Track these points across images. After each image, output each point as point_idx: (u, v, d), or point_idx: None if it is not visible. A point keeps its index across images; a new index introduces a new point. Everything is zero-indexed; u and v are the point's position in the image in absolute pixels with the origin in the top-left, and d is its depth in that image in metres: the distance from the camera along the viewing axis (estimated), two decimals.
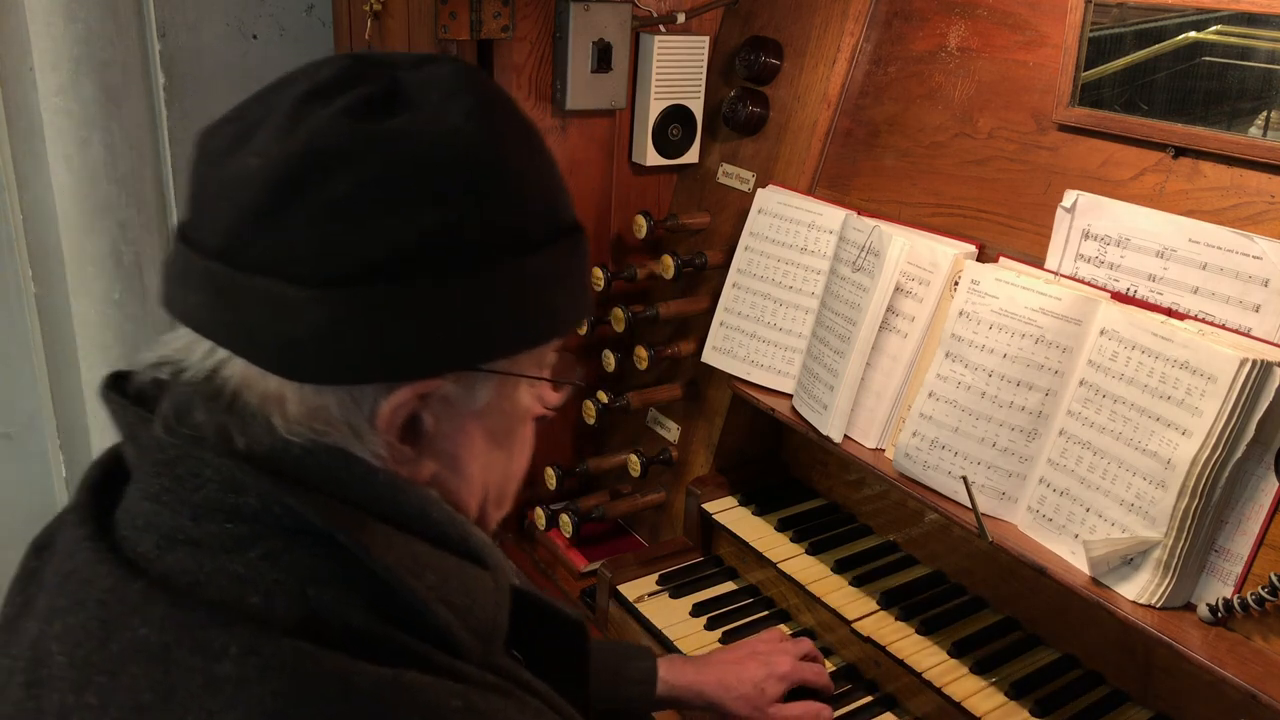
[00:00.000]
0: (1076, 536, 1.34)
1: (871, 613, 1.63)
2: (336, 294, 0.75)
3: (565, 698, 0.92)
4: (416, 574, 0.79)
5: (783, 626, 1.75)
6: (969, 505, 1.42)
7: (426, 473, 0.86)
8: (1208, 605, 1.24)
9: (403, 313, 0.76)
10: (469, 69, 0.85)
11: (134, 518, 0.81)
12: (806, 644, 1.59)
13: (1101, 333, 1.36)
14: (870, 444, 1.60)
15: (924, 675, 1.49)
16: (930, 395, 1.49)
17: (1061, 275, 1.48)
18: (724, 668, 1.49)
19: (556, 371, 0.94)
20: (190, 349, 0.81)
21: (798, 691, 1.53)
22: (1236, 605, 1.21)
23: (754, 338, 1.81)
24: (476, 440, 0.88)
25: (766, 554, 1.77)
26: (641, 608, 1.78)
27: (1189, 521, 1.23)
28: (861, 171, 1.82)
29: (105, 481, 0.86)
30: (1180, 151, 1.41)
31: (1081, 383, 1.37)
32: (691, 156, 2.05)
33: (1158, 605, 1.26)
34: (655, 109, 1.97)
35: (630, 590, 1.81)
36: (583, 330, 2.03)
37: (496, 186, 0.79)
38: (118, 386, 0.86)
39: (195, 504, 0.78)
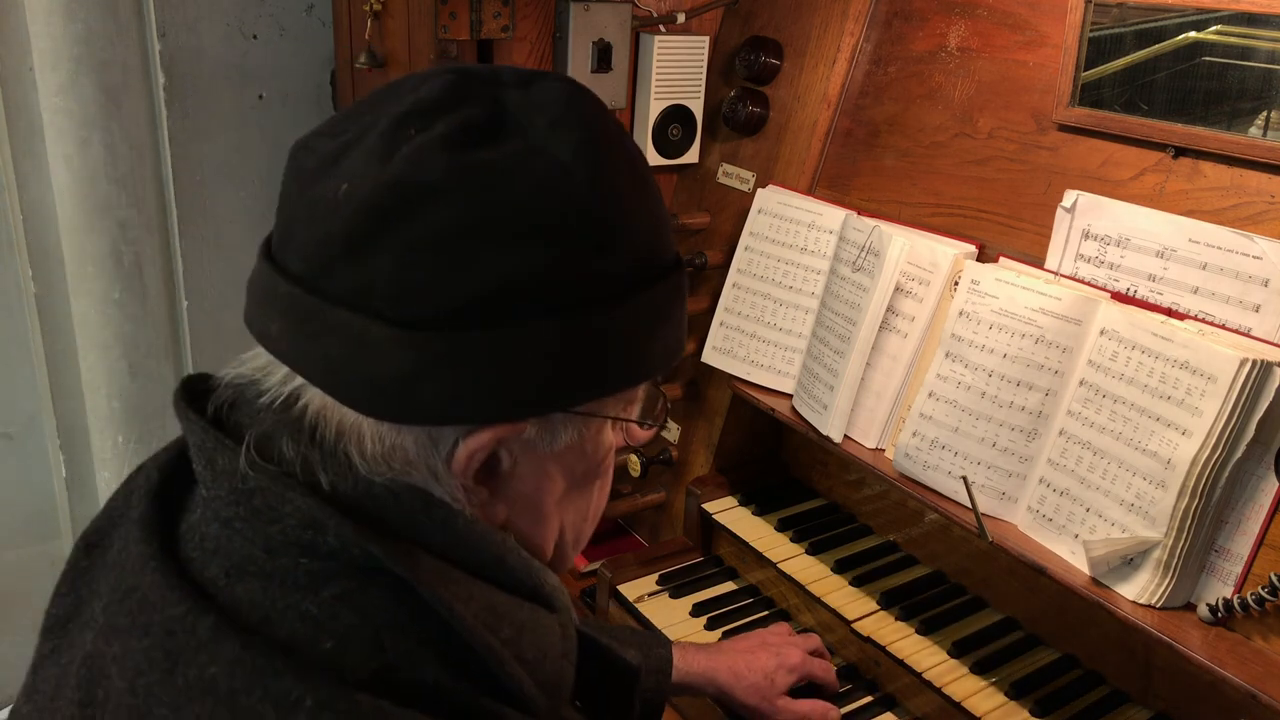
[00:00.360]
0: (1076, 536, 1.34)
1: (871, 613, 1.63)
2: (420, 336, 0.72)
3: None
4: (493, 628, 0.77)
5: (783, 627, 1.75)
6: (969, 505, 1.42)
7: (501, 514, 0.83)
8: (1208, 605, 1.24)
9: (488, 357, 0.73)
10: (580, 92, 0.81)
11: (203, 539, 0.79)
12: (815, 640, 1.60)
13: (1101, 333, 1.36)
14: (870, 444, 1.60)
15: (924, 675, 1.49)
16: (930, 395, 1.49)
17: (1061, 275, 1.48)
18: (735, 656, 1.50)
19: (645, 408, 0.90)
20: (269, 370, 0.80)
21: (804, 688, 1.54)
22: (1236, 605, 1.21)
23: (754, 338, 1.81)
24: (555, 481, 0.85)
25: (766, 554, 1.77)
26: (641, 608, 1.78)
27: (1189, 521, 1.23)
28: (861, 171, 1.82)
29: (166, 487, 0.83)
30: (1180, 151, 1.41)
31: (1081, 383, 1.37)
32: (691, 156, 2.05)
33: (1158, 605, 1.26)
34: (655, 109, 1.97)
35: (630, 590, 1.81)
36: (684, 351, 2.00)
37: (596, 232, 0.75)
38: (193, 401, 0.83)
39: (270, 536, 0.76)
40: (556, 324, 0.74)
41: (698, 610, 1.77)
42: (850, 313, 1.61)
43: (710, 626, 1.73)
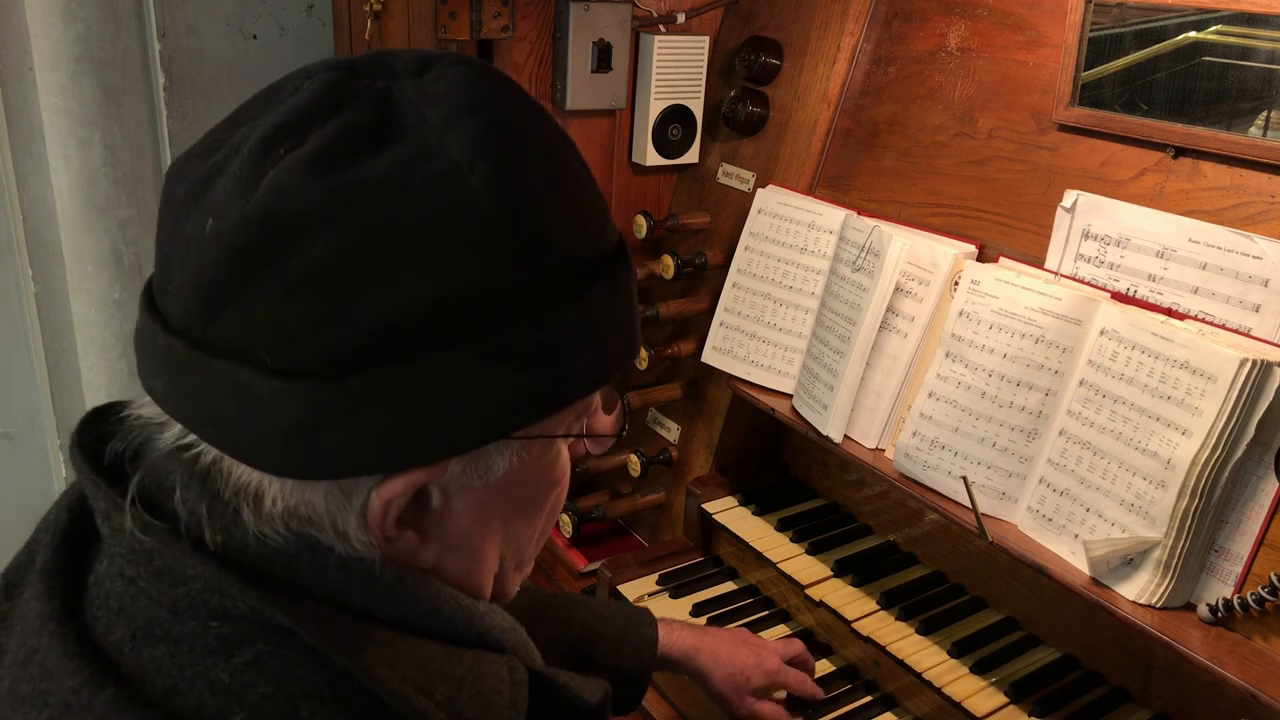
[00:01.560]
0: (1076, 536, 1.34)
1: (871, 613, 1.63)
2: (308, 386, 0.64)
3: None
4: (425, 689, 0.70)
5: (783, 626, 1.75)
6: (969, 505, 1.42)
7: (431, 558, 0.75)
8: (1208, 605, 1.24)
9: (390, 400, 0.65)
10: (482, 75, 0.72)
11: (108, 596, 0.72)
12: (798, 646, 1.57)
13: (1101, 333, 1.36)
14: (870, 444, 1.60)
15: (924, 675, 1.49)
16: (930, 395, 1.49)
17: (1061, 275, 1.48)
18: (720, 642, 1.49)
19: (598, 418, 0.81)
20: (170, 419, 0.72)
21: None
22: (1236, 605, 1.21)
23: (754, 338, 1.81)
24: (494, 514, 0.77)
25: (766, 554, 1.77)
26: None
27: (1189, 521, 1.23)
28: (861, 171, 1.82)
29: (76, 528, 0.76)
30: (1180, 151, 1.41)
31: (1081, 383, 1.37)
32: (691, 156, 2.05)
33: (1158, 605, 1.26)
34: (655, 109, 1.97)
35: (630, 590, 1.81)
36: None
37: (504, 243, 0.66)
38: (91, 447, 0.76)
39: (176, 598, 0.69)
40: (467, 353, 0.65)
41: (698, 610, 1.77)
42: (850, 313, 1.61)
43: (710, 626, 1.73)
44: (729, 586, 1.85)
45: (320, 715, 0.67)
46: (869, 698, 1.58)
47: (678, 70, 1.98)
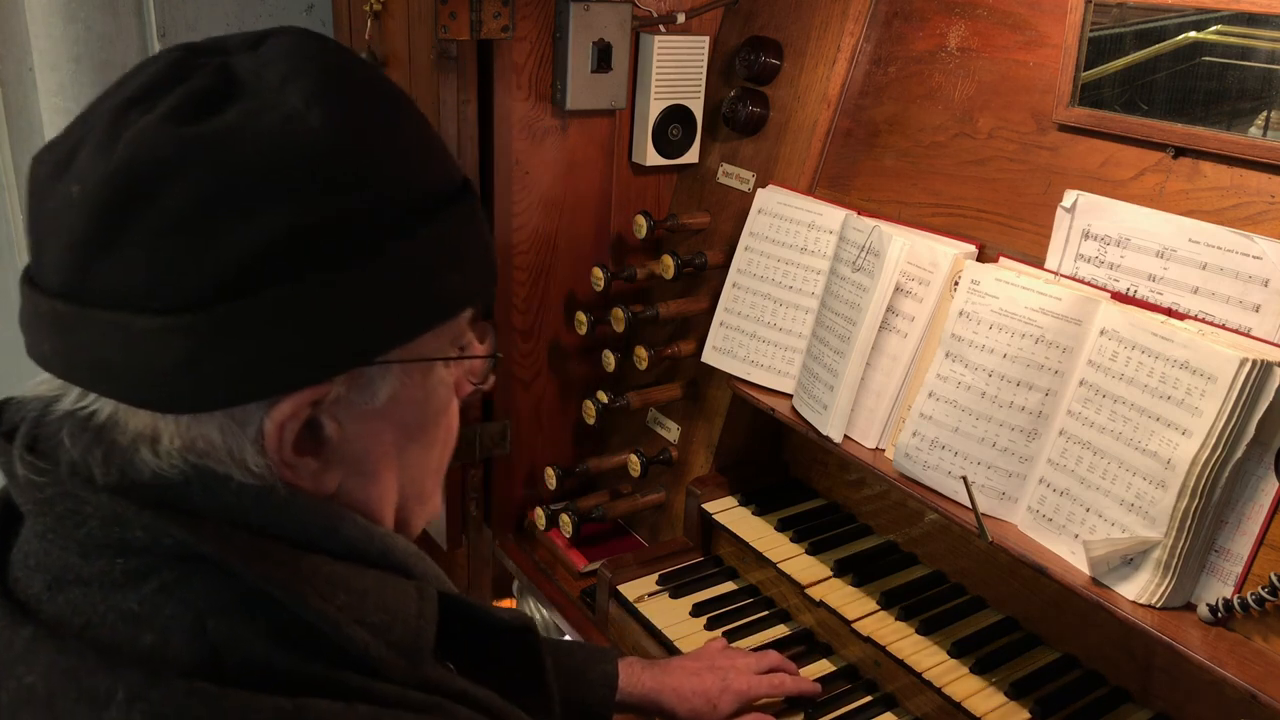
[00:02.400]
0: (1076, 536, 1.34)
1: (871, 613, 1.63)
2: (186, 319, 0.69)
3: (521, 701, 0.88)
4: (326, 595, 0.74)
5: (783, 626, 1.75)
6: (969, 505, 1.42)
7: (333, 483, 0.80)
8: (1208, 605, 1.24)
9: (263, 325, 0.70)
10: (310, 39, 0.78)
11: (26, 557, 0.77)
12: (771, 658, 1.56)
13: (1101, 333, 1.36)
14: (870, 444, 1.60)
15: (924, 675, 1.49)
16: (930, 395, 1.49)
17: (1061, 275, 1.48)
18: (682, 676, 1.47)
19: (474, 343, 0.88)
20: (65, 388, 0.76)
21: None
22: (1236, 605, 1.21)
23: (754, 338, 1.81)
24: (387, 437, 0.82)
25: (766, 554, 1.77)
26: (641, 608, 1.78)
27: (1189, 521, 1.23)
28: (861, 171, 1.82)
29: (4, 512, 0.81)
30: (1180, 151, 1.41)
31: (1081, 383, 1.37)
32: (691, 156, 2.05)
33: (1158, 605, 1.26)
34: (655, 109, 1.97)
35: (630, 590, 1.81)
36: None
37: (347, 173, 0.72)
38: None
39: (81, 540, 0.74)
40: (325, 276, 0.71)
41: (698, 610, 1.77)
42: (850, 313, 1.61)
43: (710, 627, 1.73)
44: (729, 586, 1.85)
45: (225, 627, 0.72)
46: (869, 698, 1.59)
47: (678, 70, 1.98)
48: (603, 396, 1.98)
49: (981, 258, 1.58)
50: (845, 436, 1.61)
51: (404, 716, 0.74)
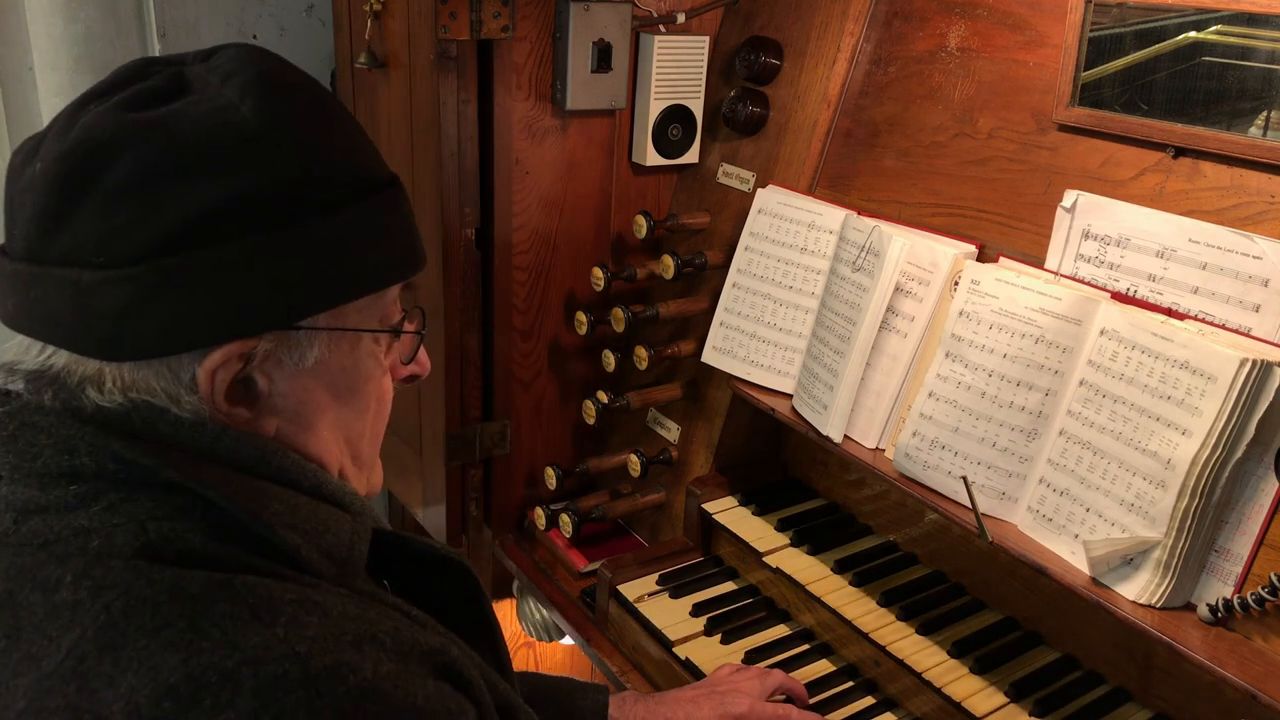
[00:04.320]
0: (1076, 536, 1.34)
1: (871, 612, 1.63)
2: (128, 271, 0.79)
3: (469, 642, 0.93)
4: (260, 503, 0.83)
5: (783, 626, 1.75)
6: (969, 505, 1.42)
7: (270, 428, 0.89)
8: (1208, 605, 1.24)
9: (192, 282, 0.80)
10: (254, 50, 0.90)
11: None
12: (778, 677, 1.52)
13: (1101, 333, 1.36)
14: (870, 444, 1.60)
15: (924, 675, 1.49)
16: (930, 395, 1.49)
17: (1061, 275, 1.48)
18: (675, 706, 1.44)
19: (407, 323, 0.97)
20: (27, 349, 0.87)
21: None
22: (1236, 605, 1.21)
23: (754, 338, 1.81)
24: (319, 397, 0.91)
25: (766, 554, 1.77)
26: (641, 608, 1.78)
27: (1189, 521, 1.23)
28: (861, 171, 1.82)
29: None
30: (1180, 151, 1.41)
31: (1081, 383, 1.37)
32: (691, 156, 2.05)
33: (1158, 605, 1.26)
34: (655, 109, 1.97)
35: (630, 590, 1.81)
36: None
37: (277, 152, 0.83)
38: None
39: (39, 472, 0.83)
40: (255, 241, 0.81)
41: (698, 610, 1.77)
42: (850, 313, 1.61)
43: (710, 627, 1.73)
44: (729, 586, 1.85)
45: (165, 527, 0.80)
46: (869, 698, 1.59)
47: (678, 70, 1.98)
48: (603, 396, 1.98)
49: (981, 258, 1.58)
50: (845, 436, 1.61)
51: (328, 594, 0.81)
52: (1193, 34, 1.39)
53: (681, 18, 1.99)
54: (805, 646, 1.69)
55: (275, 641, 0.74)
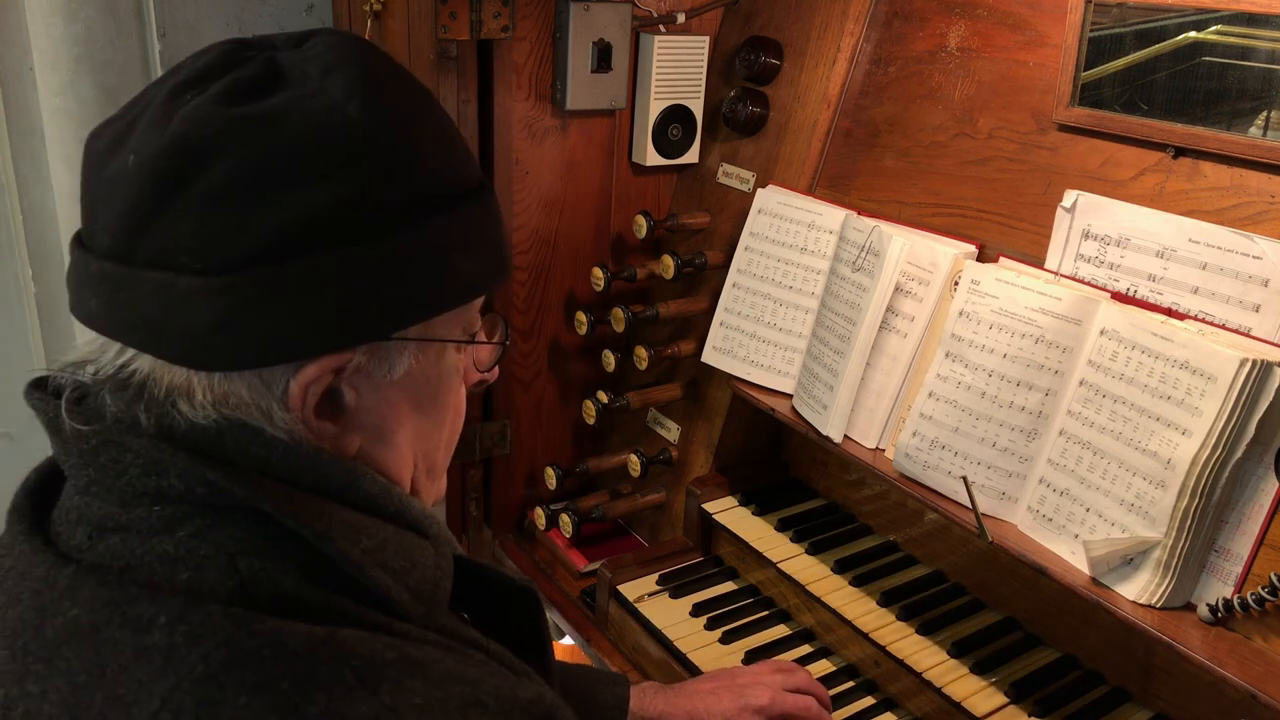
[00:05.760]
0: (1076, 536, 1.34)
1: (871, 612, 1.63)
2: (226, 280, 0.75)
3: (526, 663, 0.92)
4: (350, 539, 0.80)
5: (783, 626, 1.75)
6: (969, 505, 1.42)
7: (353, 447, 0.86)
8: (1208, 605, 1.24)
9: (294, 293, 0.76)
10: (350, 40, 0.85)
11: (67, 513, 0.82)
12: (802, 676, 1.49)
13: (1101, 333, 1.36)
14: (870, 444, 1.60)
15: (924, 675, 1.49)
16: (930, 395, 1.49)
17: (1061, 275, 1.48)
18: (695, 698, 1.42)
19: (483, 333, 0.94)
20: (103, 348, 0.82)
21: None
22: (1236, 605, 1.21)
23: (754, 338, 1.81)
24: (402, 410, 0.88)
25: (766, 554, 1.77)
26: (641, 608, 1.78)
27: (1189, 521, 1.23)
28: (861, 171, 1.82)
29: (41, 485, 0.87)
30: (1180, 151, 1.41)
31: (1081, 383, 1.37)
32: (691, 156, 2.05)
33: (1158, 605, 1.26)
34: (655, 109, 1.97)
35: (630, 590, 1.81)
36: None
37: (381, 157, 0.79)
38: (40, 386, 0.86)
39: (121, 490, 0.79)
40: (357, 251, 0.77)
41: (698, 610, 1.77)
42: (850, 313, 1.61)
43: (710, 627, 1.73)
44: (729, 586, 1.85)
45: (257, 565, 0.76)
46: (869, 698, 1.59)
47: (678, 70, 1.98)
48: (603, 396, 1.98)
49: (981, 258, 1.58)
50: (845, 436, 1.61)
51: (425, 650, 0.78)
52: (1193, 34, 1.39)
53: (681, 18, 1.99)
54: (805, 646, 1.69)
55: (383, 712, 0.71)
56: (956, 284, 1.52)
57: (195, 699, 0.70)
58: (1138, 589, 1.26)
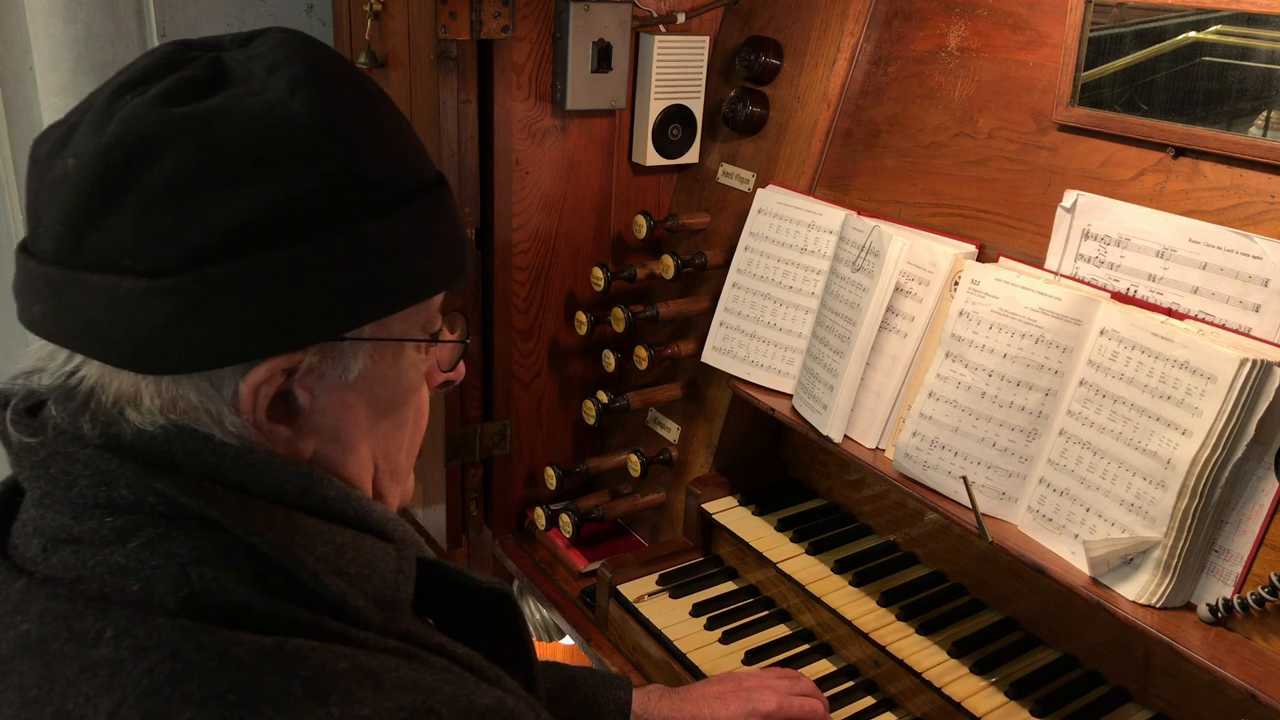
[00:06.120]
0: (1076, 536, 1.34)
1: (871, 613, 1.63)
2: (170, 282, 0.74)
3: (503, 667, 0.90)
4: (305, 546, 0.78)
5: (783, 626, 1.75)
6: (969, 505, 1.42)
7: (308, 450, 0.85)
8: (1208, 605, 1.24)
9: (240, 292, 0.75)
10: (297, 37, 0.84)
11: (24, 525, 0.81)
12: (805, 681, 1.50)
13: (1101, 333, 1.36)
14: (870, 444, 1.60)
15: (924, 675, 1.49)
16: (930, 395, 1.49)
17: (1061, 275, 1.48)
18: (701, 703, 1.41)
19: (445, 332, 0.92)
20: (51, 355, 0.81)
21: None
22: (1236, 605, 1.21)
23: (754, 338, 1.81)
24: (359, 412, 0.86)
25: (766, 554, 1.77)
26: (641, 608, 1.78)
27: (1189, 521, 1.23)
28: (861, 171, 1.82)
29: (4, 498, 0.86)
30: (1180, 151, 1.41)
31: (1081, 383, 1.37)
32: (691, 156, 2.05)
33: (1158, 605, 1.26)
34: (655, 109, 1.97)
35: (630, 590, 1.81)
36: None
37: (326, 154, 0.77)
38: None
39: (73, 501, 0.78)
40: (304, 249, 0.76)
41: (698, 610, 1.77)
42: (850, 313, 1.61)
43: (710, 627, 1.73)
44: (729, 586, 1.85)
45: (208, 574, 0.76)
46: (869, 698, 1.59)
47: (678, 70, 1.98)
48: (603, 396, 1.98)
49: (981, 258, 1.58)
50: (845, 436, 1.61)
51: (380, 659, 0.77)
52: (1193, 34, 1.39)
53: (681, 18, 1.99)
54: (805, 646, 1.69)
55: None
56: (956, 284, 1.52)
57: (141, 713, 0.69)
58: (1138, 589, 1.26)
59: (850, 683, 1.61)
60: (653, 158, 2.01)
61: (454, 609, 0.94)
